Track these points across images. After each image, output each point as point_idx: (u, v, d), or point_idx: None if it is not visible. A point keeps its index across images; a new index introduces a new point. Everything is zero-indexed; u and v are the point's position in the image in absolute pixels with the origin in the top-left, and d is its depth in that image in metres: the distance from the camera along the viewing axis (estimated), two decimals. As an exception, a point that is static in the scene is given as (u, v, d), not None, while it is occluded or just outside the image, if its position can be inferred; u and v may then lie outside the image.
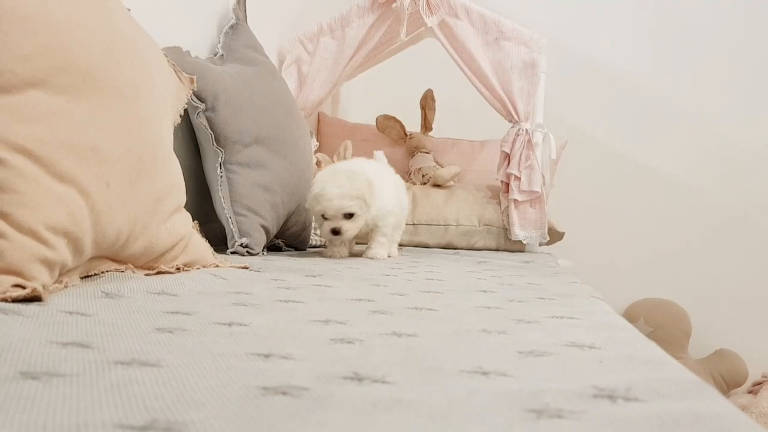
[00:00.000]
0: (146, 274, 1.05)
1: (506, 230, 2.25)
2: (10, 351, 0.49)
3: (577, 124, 2.95)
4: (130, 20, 1.16)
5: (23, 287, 0.76)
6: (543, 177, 2.26)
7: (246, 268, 1.25)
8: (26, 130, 0.84)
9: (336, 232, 1.54)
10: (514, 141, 2.25)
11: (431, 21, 2.32)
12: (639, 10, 3.05)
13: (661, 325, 2.96)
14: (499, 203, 2.30)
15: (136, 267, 1.06)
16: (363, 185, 1.54)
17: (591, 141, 3.01)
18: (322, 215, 1.55)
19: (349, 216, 1.53)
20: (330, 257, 1.63)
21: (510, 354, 0.58)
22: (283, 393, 0.42)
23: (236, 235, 1.60)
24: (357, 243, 1.82)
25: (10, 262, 0.77)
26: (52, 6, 0.92)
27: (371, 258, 1.64)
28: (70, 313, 0.68)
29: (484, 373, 0.50)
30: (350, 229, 1.54)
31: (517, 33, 2.30)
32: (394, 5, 2.29)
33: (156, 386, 0.42)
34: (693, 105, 3.01)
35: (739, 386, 2.85)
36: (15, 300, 0.73)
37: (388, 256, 1.69)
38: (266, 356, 0.52)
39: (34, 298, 0.74)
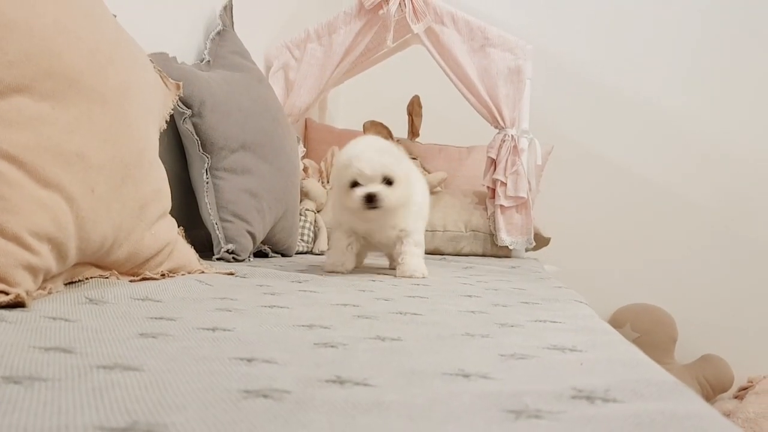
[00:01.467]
0: (131, 281, 1.05)
1: (493, 236, 2.26)
2: (6, 356, 0.49)
3: (562, 130, 2.98)
4: (116, 26, 1.16)
5: (6, 293, 0.76)
6: (529, 183, 2.27)
7: (232, 274, 1.25)
8: (11, 136, 0.83)
9: (372, 199, 1.24)
10: (500, 147, 2.26)
11: (418, 28, 2.34)
12: (624, 16, 3.08)
13: (648, 330, 2.98)
14: (486, 209, 2.31)
15: (121, 273, 1.05)
16: (400, 153, 1.33)
17: (577, 146, 3.03)
18: (354, 182, 1.27)
19: (389, 183, 1.26)
20: (332, 272, 1.35)
21: (492, 357, 0.58)
22: (265, 396, 0.42)
23: (222, 242, 1.60)
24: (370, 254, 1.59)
25: (-7, 268, 0.77)
26: (38, 12, 0.92)
27: (408, 276, 1.32)
28: (54, 318, 0.68)
29: (465, 376, 0.51)
30: (389, 196, 1.25)
31: (503, 40, 2.32)
32: (381, 12, 2.31)
33: (137, 390, 0.42)
34: (680, 111, 3.04)
35: (725, 391, 2.88)
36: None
37: (422, 276, 1.34)
38: (249, 360, 0.52)
39: (17, 304, 0.74)
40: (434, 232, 2.29)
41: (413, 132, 2.69)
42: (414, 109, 2.67)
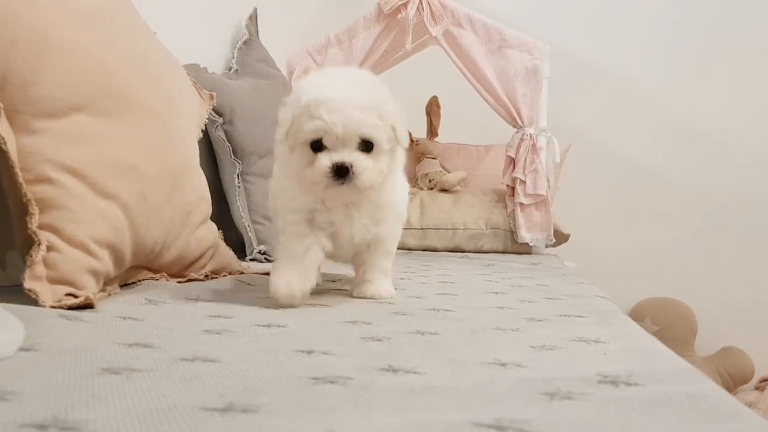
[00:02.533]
0: (178, 281, 1.12)
1: (513, 233, 2.31)
2: (88, 351, 0.56)
3: (580, 127, 3.01)
4: (158, 44, 1.23)
5: (75, 296, 0.84)
6: (548, 180, 2.32)
7: (267, 274, 1.31)
8: (73, 152, 0.91)
9: (342, 170, 0.85)
10: (519, 146, 2.31)
11: (436, 31, 2.39)
12: (641, 14, 3.11)
13: (668, 323, 3.01)
14: (505, 207, 2.36)
15: (170, 275, 1.13)
16: (390, 100, 0.92)
17: (594, 143, 3.07)
18: (315, 141, 0.86)
19: (367, 147, 0.87)
20: (278, 299, 0.88)
21: (524, 348, 0.65)
22: (332, 382, 0.49)
23: (254, 243, 1.68)
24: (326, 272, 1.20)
25: (63, 273, 0.85)
26: (91, 36, 0.99)
27: (371, 298, 0.99)
28: (123, 318, 0.75)
29: (502, 365, 0.57)
30: (368, 168, 0.87)
31: (520, 41, 2.36)
32: (400, 16, 2.37)
33: (221, 378, 0.49)
34: (695, 107, 3.07)
35: (746, 383, 2.90)
36: (70, 307, 0.80)
37: (390, 297, 1.00)
38: (309, 353, 0.59)
39: (86, 306, 0.82)
40: (455, 230, 2.35)
41: (432, 132, 2.75)
42: (432, 110, 2.73)
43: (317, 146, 0.87)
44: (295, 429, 0.37)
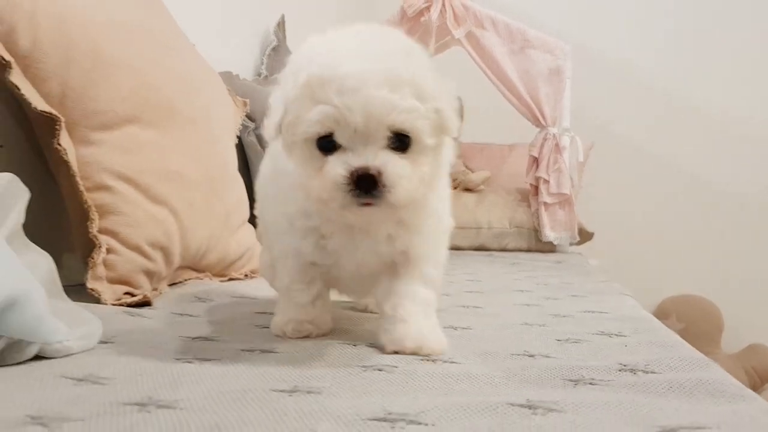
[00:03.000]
0: (221, 281, 1.19)
1: (537, 231, 2.35)
2: (159, 343, 0.62)
3: (603, 125, 3.04)
4: (197, 56, 1.30)
5: (133, 294, 0.91)
6: (571, 179, 2.36)
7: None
8: (126, 160, 0.98)
9: (366, 180, 0.58)
10: (542, 145, 2.35)
11: (458, 33, 2.44)
12: (663, 10, 3.12)
13: (693, 320, 3.03)
14: (529, 205, 2.40)
15: (213, 275, 1.20)
16: (431, 71, 0.63)
17: (619, 141, 3.08)
18: (324, 138, 0.59)
19: (402, 144, 0.59)
20: (284, 332, 0.69)
21: (550, 341, 0.70)
22: (379, 369, 0.55)
23: (287, 243, 1.74)
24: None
25: (121, 274, 0.92)
26: (137, 52, 1.06)
27: (410, 352, 0.62)
28: (180, 314, 0.82)
29: (531, 356, 0.63)
30: (405, 177, 0.59)
31: (542, 41, 2.40)
32: (423, 19, 2.42)
33: (281, 366, 0.55)
34: (720, 102, 3.07)
35: (773, 380, 2.91)
36: (129, 305, 0.87)
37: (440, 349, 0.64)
38: (354, 345, 0.65)
39: (143, 303, 0.89)
40: (479, 229, 2.40)
41: (456, 133, 2.80)
42: (456, 111, 2.78)
43: (327, 145, 0.58)
44: (356, 407, 0.43)
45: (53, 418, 0.39)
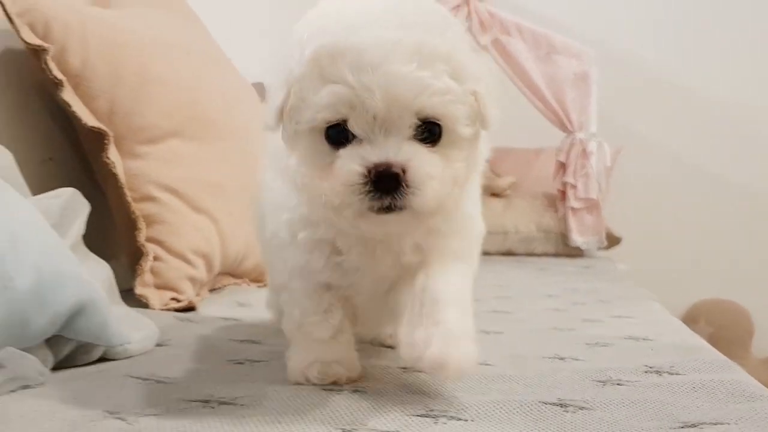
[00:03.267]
0: (258, 286, 1.24)
1: (564, 236, 2.37)
2: (211, 345, 0.67)
3: (630, 129, 3.04)
4: (235, 70, 1.36)
5: (179, 300, 0.96)
6: (599, 184, 2.36)
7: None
8: (170, 172, 1.03)
9: (387, 180, 0.47)
10: (569, 151, 2.36)
11: (484, 40, 2.46)
12: (693, 13, 3.11)
13: (723, 325, 3.01)
14: (556, 210, 2.41)
15: (250, 280, 1.25)
16: (467, 46, 0.53)
17: (646, 145, 3.08)
18: (335, 126, 0.48)
19: (431, 135, 0.49)
20: (307, 378, 0.55)
21: (579, 345, 0.73)
22: (418, 371, 0.59)
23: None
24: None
25: (167, 280, 0.97)
26: (180, 68, 1.12)
27: (435, 366, 0.48)
28: (225, 319, 0.86)
29: (561, 359, 0.66)
30: (435, 176, 0.48)
31: (568, 47, 2.42)
32: (449, 27, 2.45)
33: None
34: (752, 103, 3.05)
35: (804, 384, 2.88)
36: (176, 310, 0.92)
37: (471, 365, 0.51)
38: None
39: (189, 308, 0.94)
40: (506, 233, 2.42)
41: (482, 138, 2.82)
42: (482, 117, 2.80)
43: (338, 135, 0.48)
44: (400, 402, 0.47)
45: (129, 413, 0.43)
